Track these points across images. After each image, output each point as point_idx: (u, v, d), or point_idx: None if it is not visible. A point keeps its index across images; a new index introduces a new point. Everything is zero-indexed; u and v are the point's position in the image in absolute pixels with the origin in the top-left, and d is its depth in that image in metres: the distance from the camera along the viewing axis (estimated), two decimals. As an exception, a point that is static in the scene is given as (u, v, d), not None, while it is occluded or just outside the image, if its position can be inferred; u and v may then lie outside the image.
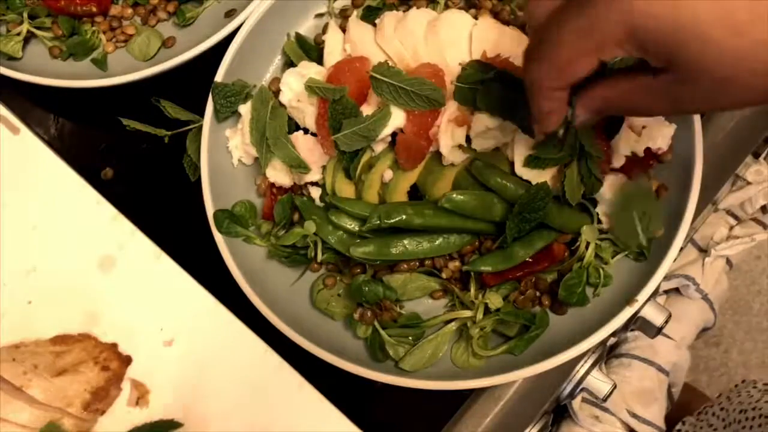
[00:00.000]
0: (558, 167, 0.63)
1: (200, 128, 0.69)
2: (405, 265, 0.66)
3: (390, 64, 0.64)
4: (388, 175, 0.65)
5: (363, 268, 0.67)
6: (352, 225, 0.65)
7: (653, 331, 0.76)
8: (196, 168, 0.69)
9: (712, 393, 1.20)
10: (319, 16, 0.73)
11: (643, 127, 0.64)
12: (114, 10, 0.78)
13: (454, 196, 0.62)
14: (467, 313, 0.65)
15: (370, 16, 0.69)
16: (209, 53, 0.71)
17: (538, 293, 0.65)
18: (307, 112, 0.66)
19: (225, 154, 0.70)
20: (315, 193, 0.68)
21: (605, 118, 0.63)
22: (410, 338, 0.66)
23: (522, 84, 0.49)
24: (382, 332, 0.64)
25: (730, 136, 0.73)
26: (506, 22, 0.68)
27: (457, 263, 0.67)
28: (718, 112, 0.73)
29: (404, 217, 0.63)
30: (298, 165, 0.66)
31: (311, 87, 0.64)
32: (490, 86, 0.61)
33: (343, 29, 0.69)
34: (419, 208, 0.63)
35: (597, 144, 0.62)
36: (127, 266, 0.66)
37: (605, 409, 0.90)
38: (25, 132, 0.69)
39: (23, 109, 0.77)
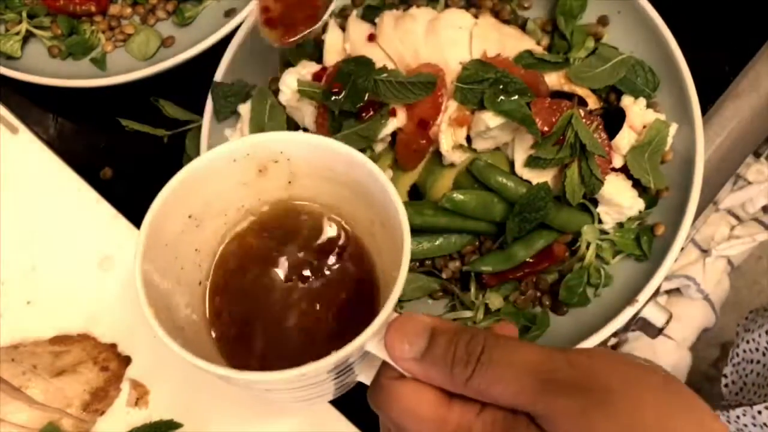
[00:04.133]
0: (558, 167, 0.63)
1: (199, 128, 0.68)
2: (405, 265, 0.66)
3: (390, 65, 0.64)
4: (388, 175, 0.65)
5: (363, 269, 0.67)
6: (351, 225, 0.65)
7: (654, 331, 0.76)
8: (196, 168, 0.69)
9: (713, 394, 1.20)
10: (319, 15, 0.72)
11: (644, 127, 0.63)
12: (113, 9, 0.78)
13: (454, 196, 0.62)
14: (467, 314, 0.65)
15: (370, 15, 0.69)
16: (209, 53, 0.70)
17: (538, 294, 0.65)
18: (307, 112, 0.65)
19: (224, 154, 0.69)
20: (315, 193, 0.68)
21: (605, 117, 0.63)
22: (410, 338, 0.65)
23: None
24: (382, 332, 0.64)
25: (731, 136, 0.72)
26: (507, 22, 0.68)
27: (457, 263, 0.66)
28: (719, 113, 0.73)
29: (404, 217, 0.62)
30: (297, 165, 0.65)
31: (304, 90, 0.63)
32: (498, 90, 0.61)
33: (343, 28, 0.69)
34: (419, 208, 0.63)
35: (599, 143, 0.61)
36: (127, 266, 0.65)
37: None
38: (24, 132, 0.69)
39: (22, 108, 0.77)
